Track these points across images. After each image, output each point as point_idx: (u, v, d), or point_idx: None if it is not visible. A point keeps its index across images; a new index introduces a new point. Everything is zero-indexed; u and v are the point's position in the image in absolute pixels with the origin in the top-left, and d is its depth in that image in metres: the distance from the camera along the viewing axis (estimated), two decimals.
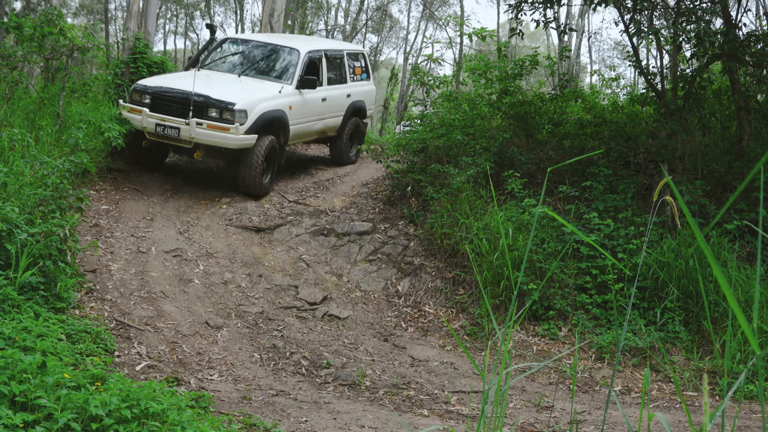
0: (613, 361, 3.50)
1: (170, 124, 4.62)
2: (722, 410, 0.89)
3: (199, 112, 4.61)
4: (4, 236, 2.78)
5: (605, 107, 6.24)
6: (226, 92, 4.74)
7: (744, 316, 0.70)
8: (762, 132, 5.11)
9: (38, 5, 10.98)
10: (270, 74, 5.30)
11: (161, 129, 4.63)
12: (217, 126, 4.57)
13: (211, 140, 4.61)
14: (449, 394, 3.06)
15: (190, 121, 4.56)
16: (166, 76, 5.20)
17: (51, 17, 4.68)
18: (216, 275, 3.90)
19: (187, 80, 4.78)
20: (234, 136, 4.57)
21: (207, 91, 4.68)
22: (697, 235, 0.69)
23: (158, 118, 4.63)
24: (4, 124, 3.86)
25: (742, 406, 3.07)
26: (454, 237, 4.38)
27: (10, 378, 1.82)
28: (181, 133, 4.60)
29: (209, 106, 4.63)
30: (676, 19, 4.55)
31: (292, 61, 5.32)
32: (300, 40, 6.16)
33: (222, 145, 4.63)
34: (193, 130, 4.56)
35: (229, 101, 4.64)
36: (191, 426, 1.94)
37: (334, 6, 15.92)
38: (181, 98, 4.66)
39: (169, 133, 4.63)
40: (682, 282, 3.74)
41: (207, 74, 5.13)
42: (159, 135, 4.67)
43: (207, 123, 4.58)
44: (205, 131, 4.58)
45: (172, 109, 4.66)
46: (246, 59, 5.46)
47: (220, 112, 4.62)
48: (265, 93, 4.92)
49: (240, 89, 4.86)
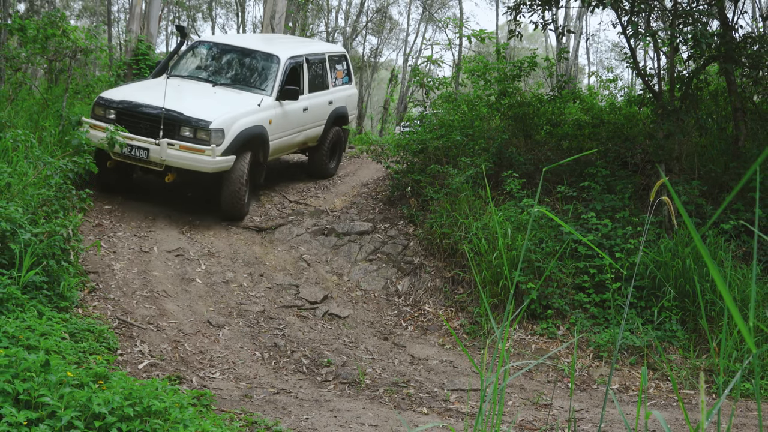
0: (610, 359, 3.53)
1: (138, 144, 4.12)
2: (718, 408, 0.89)
3: (170, 131, 4.12)
4: (8, 236, 2.81)
5: (603, 108, 6.29)
6: (199, 108, 4.24)
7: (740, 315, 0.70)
8: (758, 133, 5.15)
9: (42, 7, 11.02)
10: (247, 83, 4.76)
11: (128, 149, 4.12)
12: (191, 147, 4.09)
13: (184, 163, 4.13)
14: (448, 392, 3.08)
15: (161, 142, 4.07)
16: (133, 86, 4.67)
17: (54, 19, 4.67)
18: (218, 274, 3.93)
19: (156, 93, 4.25)
20: (210, 159, 4.09)
21: (179, 107, 4.16)
22: (694, 235, 0.70)
23: (125, 137, 4.11)
24: (8, 124, 3.89)
25: (739, 404, 3.09)
26: (453, 237, 4.41)
27: (14, 376, 1.83)
28: (151, 155, 4.10)
29: (181, 124, 4.14)
30: (673, 20, 4.59)
31: (271, 69, 4.79)
32: (279, 43, 5.48)
33: (197, 168, 4.15)
34: (164, 152, 4.08)
35: (203, 119, 4.15)
36: (193, 424, 1.94)
37: (335, 8, 15.98)
38: (150, 115, 4.16)
39: (137, 154, 4.12)
40: (679, 281, 3.76)
41: (178, 84, 4.55)
42: (126, 156, 4.15)
43: (179, 144, 4.09)
44: (177, 153, 4.10)
45: (139, 126, 4.15)
46: (220, 66, 4.91)
47: (193, 131, 4.13)
48: (243, 107, 4.41)
49: (215, 103, 4.36)
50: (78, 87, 5.08)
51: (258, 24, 16.46)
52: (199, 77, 4.82)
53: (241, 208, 4.43)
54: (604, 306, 3.88)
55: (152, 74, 5.00)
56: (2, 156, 3.58)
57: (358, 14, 15.59)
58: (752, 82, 5.12)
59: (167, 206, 4.51)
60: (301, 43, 6.09)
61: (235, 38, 5.44)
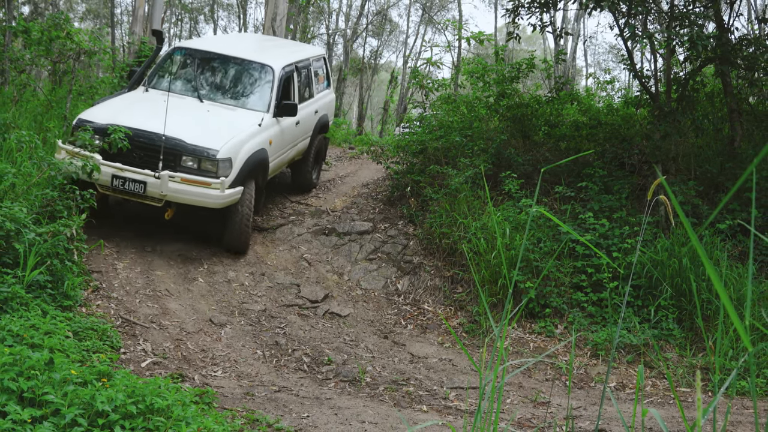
0: (608, 357, 3.55)
1: (133, 176, 3.55)
2: (714, 406, 0.89)
3: (169, 161, 3.58)
4: (12, 236, 2.83)
5: (600, 109, 6.35)
6: (200, 133, 3.70)
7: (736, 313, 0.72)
8: (753, 134, 5.20)
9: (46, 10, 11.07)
10: (240, 99, 4.22)
11: (120, 183, 3.55)
12: (196, 180, 3.58)
13: (188, 199, 3.62)
14: (448, 390, 3.10)
15: (161, 175, 3.51)
16: (113, 103, 3.95)
17: (58, 21, 4.68)
18: (219, 274, 3.96)
19: (144, 112, 3.73)
20: (219, 194, 3.60)
21: (177, 132, 3.60)
22: (691, 234, 0.70)
23: (115, 168, 3.53)
24: (13, 125, 3.91)
25: (734, 402, 3.11)
26: (452, 236, 4.45)
27: (19, 374, 1.84)
28: (149, 189, 3.55)
29: (183, 153, 3.60)
30: (670, 23, 4.64)
31: (265, 81, 4.28)
32: (265, 50, 4.93)
33: (203, 204, 3.65)
34: (165, 186, 3.53)
35: (209, 148, 3.63)
36: (195, 421, 1.95)
37: (335, 10, 16.06)
38: (145, 143, 3.59)
39: (131, 188, 3.55)
40: (676, 280, 3.79)
41: (162, 100, 3.86)
42: (117, 190, 3.59)
43: (181, 176, 3.56)
44: (180, 187, 3.57)
45: (132, 155, 3.56)
46: (205, 77, 4.31)
47: (197, 162, 3.62)
48: (245, 129, 3.88)
49: (214, 126, 3.81)
50: (81, 89, 5.08)
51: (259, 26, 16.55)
52: (184, 91, 4.21)
53: (248, 242, 4.02)
54: (602, 305, 3.91)
55: (129, 85, 4.29)
56: (7, 157, 3.61)
57: (359, 16, 15.67)
58: (748, 83, 5.17)
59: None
60: (285, 48, 5.39)
61: (216, 44, 4.67)
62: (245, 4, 17.34)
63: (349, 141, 8.93)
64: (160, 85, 4.28)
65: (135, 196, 3.67)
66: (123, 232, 4.10)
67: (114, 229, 4.08)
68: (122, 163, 3.59)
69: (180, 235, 4.23)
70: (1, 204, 2.92)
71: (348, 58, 15.29)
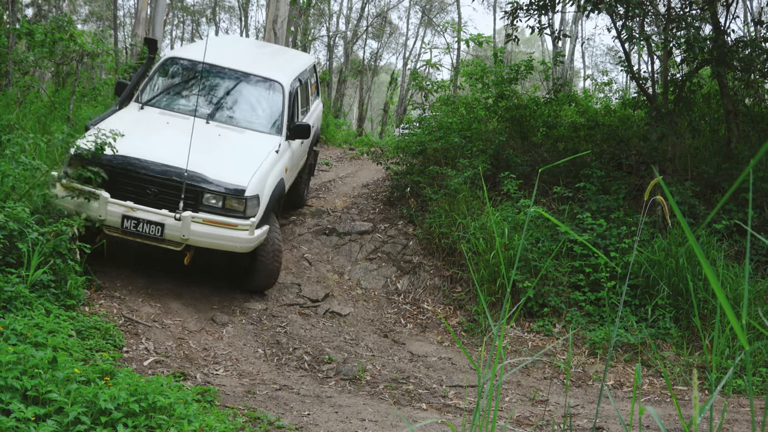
0: (605, 356, 3.57)
1: (148, 217, 3.06)
2: (711, 404, 0.90)
3: (188, 198, 3.10)
4: (15, 236, 2.85)
5: (598, 111, 6.40)
6: (223, 165, 3.20)
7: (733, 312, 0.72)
8: (750, 135, 5.24)
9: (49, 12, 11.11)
10: (249, 118, 3.71)
11: (133, 224, 3.06)
12: (220, 222, 3.09)
13: (213, 243, 3.13)
14: (447, 389, 3.11)
15: (183, 216, 3.03)
16: (110, 124, 3.33)
17: (61, 24, 4.69)
18: (221, 273, 3.98)
19: (151, 137, 3.25)
20: (247, 236, 3.13)
21: (198, 165, 3.10)
22: (688, 234, 0.70)
23: (126, 207, 3.04)
24: (16, 127, 3.93)
25: (731, 400, 3.13)
26: (451, 236, 4.48)
27: (22, 373, 1.85)
28: (167, 232, 3.07)
29: (206, 190, 3.11)
30: (667, 25, 4.68)
31: (274, 99, 3.80)
32: (263, 59, 4.36)
33: (229, 248, 3.16)
34: (187, 229, 3.04)
35: (236, 184, 3.13)
36: (197, 419, 1.95)
37: (336, 13, 16.14)
38: (162, 178, 3.09)
39: (146, 230, 3.05)
40: (673, 280, 3.82)
41: (163, 120, 3.48)
42: (128, 233, 3.09)
43: (202, 217, 3.08)
44: (204, 229, 3.09)
45: (145, 191, 3.08)
46: (206, 92, 3.76)
47: (222, 200, 3.11)
48: (264, 158, 3.37)
49: (233, 155, 3.32)
50: (85, 90, 5.10)
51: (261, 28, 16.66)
52: (184, 110, 3.65)
53: (275, 279, 3.61)
54: (599, 304, 3.94)
55: (119, 101, 3.69)
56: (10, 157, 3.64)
57: (359, 19, 15.75)
58: (744, 85, 5.22)
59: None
60: (282, 57, 4.80)
61: (212, 53, 3.94)
62: (247, 7, 17.43)
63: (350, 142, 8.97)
64: (156, 103, 3.71)
65: (150, 239, 3.14)
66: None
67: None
68: (134, 201, 3.09)
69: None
70: (5, 204, 2.94)
71: (348, 60, 15.35)
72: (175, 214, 3.09)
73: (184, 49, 4.33)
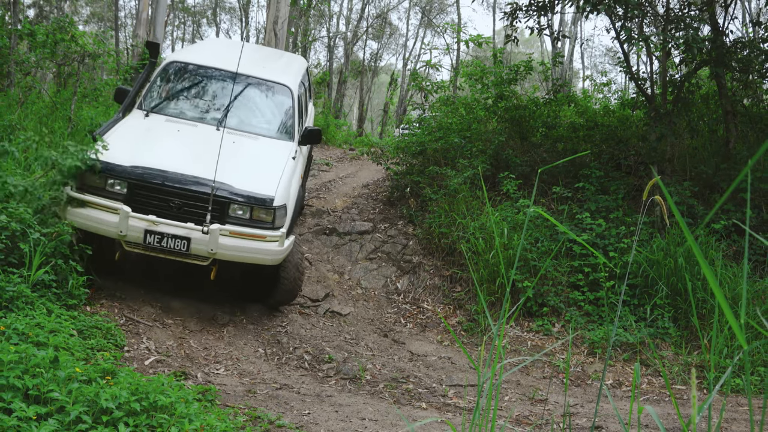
0: (604, 355, 3.59)
1: (174, 231, 2.92)
2: (709, 403, 0.90)
3: (214, 210, 2.95)
4: (18, 236, 2.87)
5: (597, 111, 6.43)
6: (247, 175, 3.07)
7: (731, 312, 0.73)
8: (748, 135, 5.26)
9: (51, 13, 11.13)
10: (260, 124, 3.59)
11: (156, 239, 2.91)
12: (248, 234, 2.96)
13: (242, 256, 2.99)
14: (447, 388, 3.12)
15: (211, 229, 2.89)
16: (120, 133, 3.20)
17: (63, 25, 4.71)
18: (222, 272, 3.99)
19: (167, 146, 3.11)
20: (277, 248, 3.02)
21: (224, 175, 2.98)
22: (687, 234, 0.71)
23: (148, 222, 2.90)
24: (18, 127, 3.95)
25: (729, 399, 3.14)
26: (451, 236, 4.50)
27: (24, 372, 1.85)
28: (193, 246, 2.92)
29: (232, 201, 2.97)
30: (666, 26, 4.70)
31: (284, 104, 3.68)
32: (269, 64, 4.15)
33: (258, 261, 3.03)
34: (215, 242, 2.91)
35: (263, 194, 3.02)
36: (198, 418, 1.95)
37: (336, 14, 16.19)
38: (188, 190, 2.93)
39: (171, 245, 2.91)
40: (671, 279, 3.83)
41: (174, 128, 3.34)
42: (151, 248, 2.94)
43: (229, 229, 2.94)
44: (232, 242, 2.95)
45: (168, 204, 2.95)
46: (212, 97, 3.62)
47: (249, 211, 3.00)
48: (283, 165, 3.26)
49: (253, 164, 3.19)
50: (86, 91, 5.13)
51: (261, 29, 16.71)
52: (191, 116, 3.50)
53: (299, 293, 3.48)
54: (598, 304, 3.95)
55: (122, 108, 3.51)
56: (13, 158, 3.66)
57: (359, 19, 15.79)
58: (742, 85, 5.25)
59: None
60: (280, 61, 4.57)
61: (214, 57, 3.86)
62: (247, 8, 17.49)
63: (350, 142, 8.99)
64: (161, 109, 3.54)
65: (175, 254, 2.96)
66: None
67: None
68: (156, 215, 2.94)
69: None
70: (7, 204, 2.96)
71: (348, 60, 15.39)
72: (202, 227, 2.91)
73: (185, 53, 4.01)
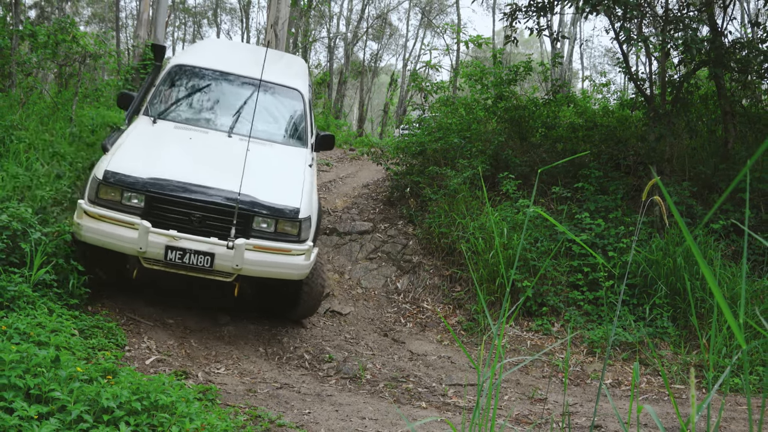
0: (603, 355, 3.58)
1: (196, 247, 2.74)
2: (708, 402, 0.90)
3: (239, 224, 2.80)
4: (19, 236, 2.88)
5: (596, 111, 6.45)
6: (270, 186, 2.93)
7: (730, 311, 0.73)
8: (747, 135, 5.28)
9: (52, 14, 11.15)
10: (273, 130, 3.43)
11: (178, 256, 2.74)
12: (274, 248, 2.82)
13: (269, 271, 2.85)
14: (446, 387, 3.13)
15: (237, 244, 2.74)
16: (132, 142, 3.01)
17: (64, 25, 4.72)
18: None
19: (182, 156, 2.94)
20: (303, 262, 2.88)
21: (247, 187, 2.82)
22: (686, 234, 0.71)
23: (169, 237, 2.71)
24: (20, 127, 3.97)
25: (728, 398, 3.15)
26: (451, 236, 4.52)
27: (25, 371, 1.85)
28: (217, 262, 2.77)
29: (257, 214, 2.84)
30: (665, 26, 4.72)
31: (295, 109, 3.52)
32: (276, 67, 3.89)
33: (285, 276, 2.90)
34: (241, 258, 2.75)
35: (288, 206, 2.88)
36: (199, 417, 1.95)
37: (336, 14, 16.23)
38: (210, 202, 2.77)
39: (194, 261, 2.73)
40: (670, 279, 3.85)
41: (185, 135, 3.16)
42: (172, 264, 2.77)
43: (253, 243, 2.80)
44: (258, 257, 2.81)
45: (189, 218, 2.77)
46: (221, 102, 3.45)
47: (274, 224, 2.86)
48: (301, 174, 3.12)
49: (273, 173, 3.05)
50: (87, 91, 5.14)
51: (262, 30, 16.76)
52: (203, 122, 3.33)
53: (320, 305, 3.35)
54: (598, 303, 3.96)
55: (128, 114, 3.36)
56: (14, 158, 3.67)
57: (359, 20, 15.82)
58: (741, 86, 5.26)
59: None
60: (281, 62, 4.29)
61: (220, 60, 3.70)
62: (248, 8, 17.53)
63: (350, 142, 9.01)
64: (169, 115, 3.36)
65: (198, 271, 2.80)
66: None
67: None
68: (177, 229, 2.77)
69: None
70: (8, 204, 2.97)
71: (348, 61, 15.42)
72: (227, 242, 2.76)
73: (190, 56, 3.79)
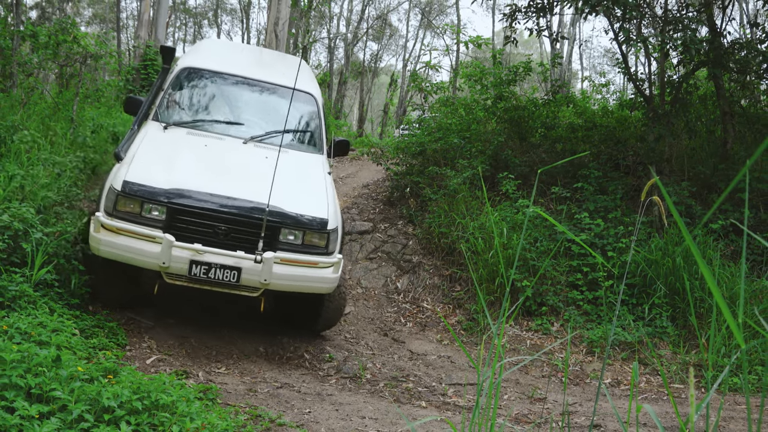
0: (603, 354, 3.60)
1: (221, 261, 2.62)
2: (707, 402, 0.92)
3: (266, 236, 2.67)
4: (20, 236, 2.89)
5: (596, 112, 6.47)
6: (296, 196, 2.81)
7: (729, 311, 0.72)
8: (745, 136, 5.30)
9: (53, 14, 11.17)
10: (288, 136, 3.30)
11: (203, 270, 2.61)
12: (302, 261, 2.71)
13: (297, 285, 2.75)
14: (446, 387, 3.14)
15: (265, 258, 2.63)
16: (147, 149, 2.87)
17: (65, 26, 4.73)
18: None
19: (203, 165, 2.80)
20: (331, 275, 2.78)
21: (277, 199, 2.70)
22: (685, 234, 0.71)
23: (193, 251, 2.59)
24: (21, 128, 3.98)
25: (727, 398, 3.15)
26: (451, 236, 4.53)
27: (27, 371, 1.85)
28: (244, 276, 2.65)
29: (284, 226, 2.71)
30: (664, 27, 4.73)
31: (310, 114, 3.41)
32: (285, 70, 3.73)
33: (313, 290, 2.80)
34: (269, 272, 2.65)
35: (316, 217, 2.77)
36: (199, 417, 1.95)
37: (336, 15, 16.26)
38: (236, 214, 2.64)
39: (220, 276, 2.61)
40: (669, 279, 3.86)
41: (200, 142, 3.01)
42: (196, 279, 2.64)
43: (282, 256, 2.69)
44: (286, 271, 2.70)
45: (214, 231, 2.64)
46: (232, 106, 3.33)
47: (301, 236, 2.75)
48: (323, 182, 3.01)
49: (296, 183, 2.91)
50: (88, 91, 5.16)
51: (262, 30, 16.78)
52: (217, 128, 3.18)
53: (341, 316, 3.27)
54: (597, 303, 3.98)
55: (136, 119, 3.21)
56: (16, 158, 3.68)
57: (359, 21, 15.85)
58: (740, 86, 5.28)
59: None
60: (283, 62, 4.13)
61: (230, 64, 3.57)
62: (248, 9, 17.56)
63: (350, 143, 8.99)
64: (181, 121, 3.20)
65: (224, 286, 2.69)
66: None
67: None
68: (201, 243, 2.63)
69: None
70: (10, 204, 2.98)
71: (349, 61, 15.44)
72: (254, 255, 2.63)
73: (196, 57, 3.62)
